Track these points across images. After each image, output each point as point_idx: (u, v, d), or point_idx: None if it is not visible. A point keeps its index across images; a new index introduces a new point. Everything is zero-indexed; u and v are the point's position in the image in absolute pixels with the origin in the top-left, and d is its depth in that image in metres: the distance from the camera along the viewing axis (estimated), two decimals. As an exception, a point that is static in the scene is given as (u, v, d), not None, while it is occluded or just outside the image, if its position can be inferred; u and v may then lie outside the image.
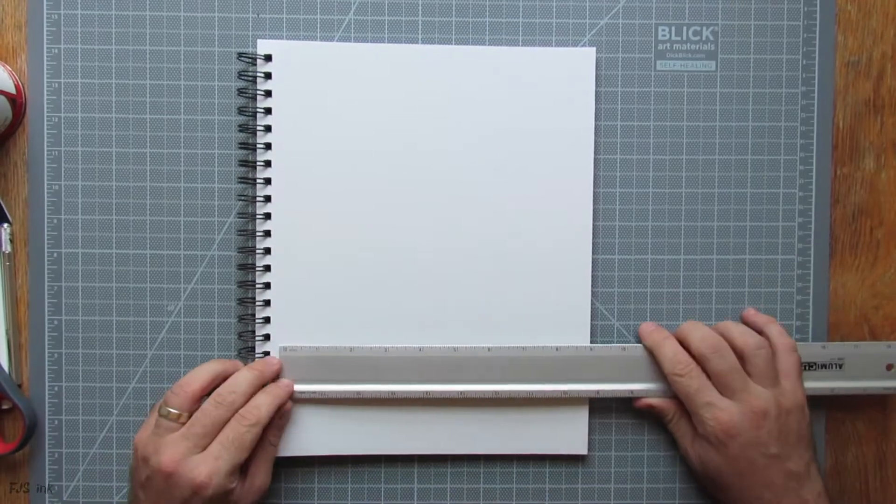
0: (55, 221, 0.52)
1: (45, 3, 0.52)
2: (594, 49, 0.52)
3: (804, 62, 0.53)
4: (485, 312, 0.52)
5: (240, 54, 0.52)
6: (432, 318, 0.52)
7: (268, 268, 0.52)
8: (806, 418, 0.49)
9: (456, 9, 0.53)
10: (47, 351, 0.52)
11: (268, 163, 0.51)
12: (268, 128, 0.51)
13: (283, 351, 0.51)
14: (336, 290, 0.52)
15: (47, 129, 0.52)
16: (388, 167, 0.52)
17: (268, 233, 0.52)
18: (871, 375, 0.52)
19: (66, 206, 0.52)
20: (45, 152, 0.52)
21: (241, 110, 0.52)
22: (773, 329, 0.51)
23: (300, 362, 0.51)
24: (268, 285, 0.52)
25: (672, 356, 0.50)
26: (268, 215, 0.52)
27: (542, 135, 0.52)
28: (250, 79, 0.52)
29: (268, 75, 0.51)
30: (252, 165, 0.52)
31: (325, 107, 0.51)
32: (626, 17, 0.53)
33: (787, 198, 0.54)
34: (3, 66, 0.51)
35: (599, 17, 0.53)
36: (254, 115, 0.51)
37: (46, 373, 0.52)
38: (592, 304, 0.53)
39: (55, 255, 0.52)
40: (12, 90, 0.51)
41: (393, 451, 0.53)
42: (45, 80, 0.52)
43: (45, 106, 0.52)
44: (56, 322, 0.52)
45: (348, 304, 0.52)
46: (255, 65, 0.52)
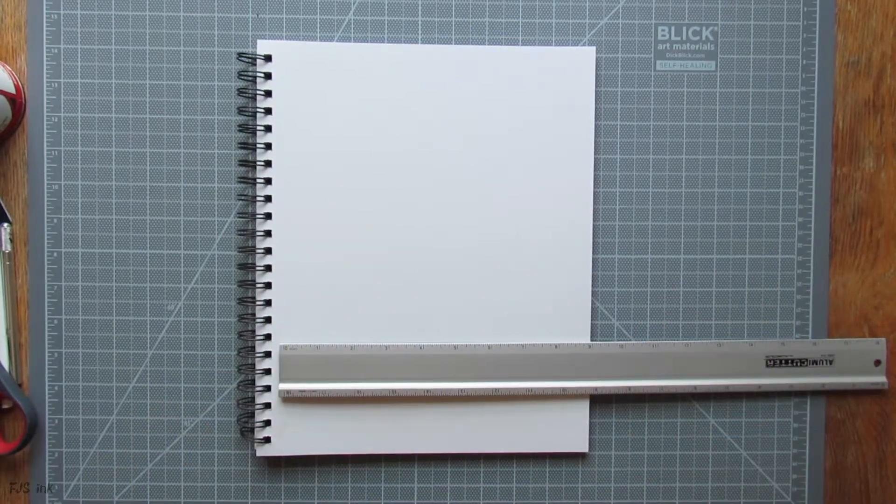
0: (55, 221, 0.52)
1: (45, 3, 0.52)
2: (594, 49, 0.52)
3: (804, 62, 0.53)
4: (485, 312, 0.52)
5: (240, 54, 0.52)
6: (432, 317, 0.52)
7: (268, 267, 0.52)
8: None
9: (456, 9, 0.53)
10: (47, 350, 0.52)
11: (268, 163, 0.51)
12: (268, 128, 0.51)
13: (284, 349, 0.51)
14: (336, 290, 0.52)
15: (47, 129, 0.52)
16: (388, 167, 0.52)
17: (268, 232, 0.52)
18: (860, 371, 0.53)
19: (66, 205, 0.52)
20: (45, 152, 0.52)
21: (241, 110, 0.52)
22: None
23: (300, 361, 0.51)
24: (268, 285, 0.52)
25: None
26: (268, 215, 0.52)
27: (542, 134, 0.52)
28: (250, 79, 0.52)
29: (268, 75, 0.51)
30: (252, 165, 0.52)
31: (325, 107, 0.51)
32: (626, 17, 0.53)
33: (787, 198, 0.54)
34: (3, 66, 0.51)
35: (599, 17, 0.53)
36: (254, 115, 0.51)
37: (46, 372, 0.52)
38: (592, 303, 0.53)
39: (55, 254, 0.52)
40: (12, 90, 0.51)
41: (393, 450, 0.53)
42: (45, 80, 0.52)
43: (45, 106, 0.52)
44: (56, 321, 0.52)
45: (349, 304, 0.52)
46: (255, 65, 0.52)
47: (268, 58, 0.51)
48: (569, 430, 0.53)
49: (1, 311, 0.51)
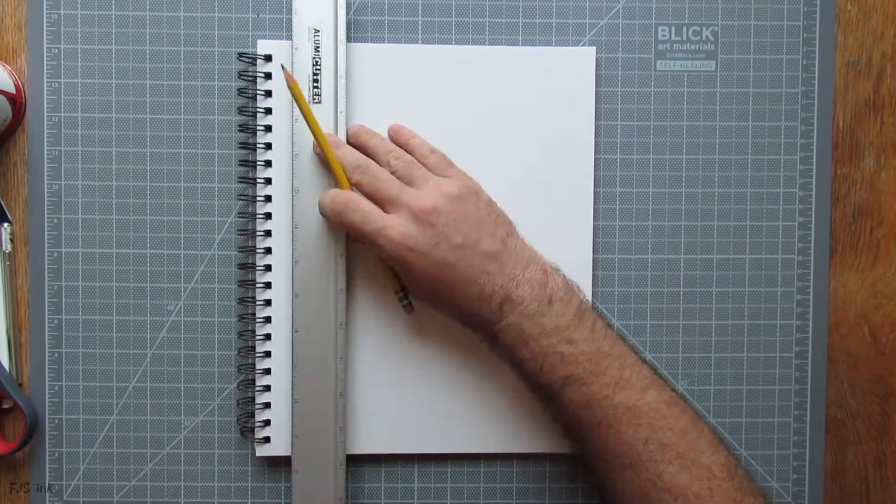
0: (55, 221, 0.52)
1: (45, 3, 0.52)
2: (594, 49, 0.52)
3: (804, 62, 0.53)
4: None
5: (240, 54, 0.52)
6: (431, 313, 0.52)
7: (268, 267, 0.52)
8: (485, 200, 0.48)
9: (456, 9, 0.53)
10: (47, 350, 0.52)
11: (268, 163, 0.51)
12: (268, 128, 0.51)
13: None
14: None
15: (47, 128, 0.52)
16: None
17: (268, 232, 0.52)
18: None
19: (66, 205, 0.52)
20: (45, 152, 0.52)
21: (241, 110, 0.52)
22: (415, 141, 0.50)
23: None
24: (268, 285, 0.52)
25: (330, 199, 0.47)
26: (268, 215, 0.52)
27: (543, 134, 0.52)
28: (250, 79, 0.52)
29: (268, 75, 0.51)
30: (252, 165, 0.52)
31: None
32: (626, 17, 0.53)
33: (787, 198, 0.54)
34: (3, 66, 0.51)
35: (599, 17, 0.53)
36: (254, 115, 0.51)
37: (47, 372, 0.52)
38: (593, 303, 0.53)
39: (55, 254, 0.52)
40: (12, 90, 0.51)
41: (393, 450, 0.53)
42: (45, 80, 0.52)
43: (45, 106, 0.52)
44: (56, 321, 0.52)
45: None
46: (256, 65, 0.52)
47: (268, 58, 0.51)
48: (569, 430, 0.53)
49: (1, 311, 0.51)
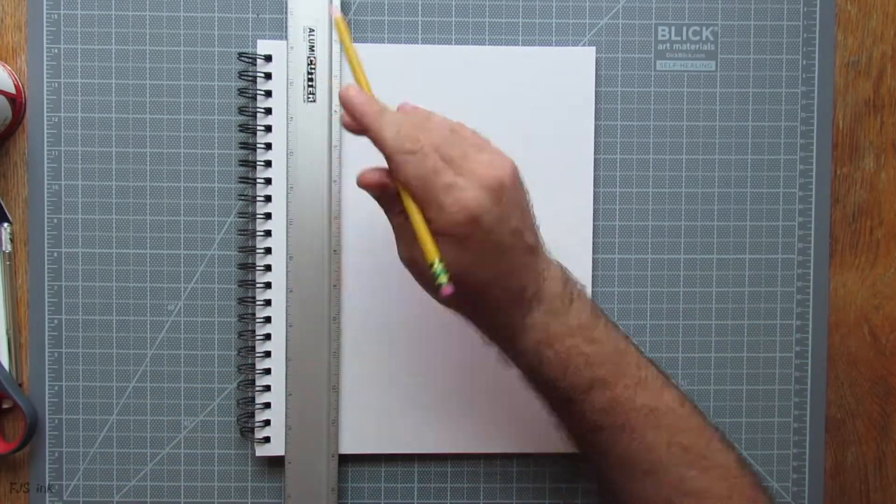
0: (55, 221, 0.52)
1: (45, 3, 0.52)
2: (594, 49, 0.52)
3: (804, 62, 0.53)
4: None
5: (240, 54, 0.52)
6: (430, 317, 0.52)
7: (268, 267, 0.52)
8: (525, 186, 0.42)
9: (456, 9, 0.53)
10: (47, 350, 0.52)
11: (268, 163, 0.51)
12: (268, 128, 0.51)
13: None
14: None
15: (47, 129, 0.52)
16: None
17: (268, 232, 0.52)
18: None
19: (66, 206, 0.52)
20: (45, 152, 0.52)
21: (241, 110, 0.52)
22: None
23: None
24: (268, 285, 0.52)
25: (398, 130, 0.40)
26: (268, 215, 0.52)
27: (542, 134, 0.52)
28: (250, 79, 0.52)
29: (268, 75, 0.51)
30: (252, 165, 0.52)
31: (325, 107, 0.51)
32: (626, 17, 0.53)
33: (787, 198, 0.54)
34: (3, 66, 0.51)
35: (599, 17, 0.53)
36: (254, 115, 0.51)
37: (47, 372, 0.52)
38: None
39: (55, 254, 0.52)
40: (12, 90, 0.51)
41: (393, 450, 0.53)
42: (45, 80, 0.52)
43: (45, 106, 0.52)
44: (56, 321, 0.52)
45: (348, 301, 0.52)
46: (256, 65, 0.52)
47: (268, 58, 0.51)
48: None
49: (1, 311, 0.51)
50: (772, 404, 0.54)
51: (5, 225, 0.52)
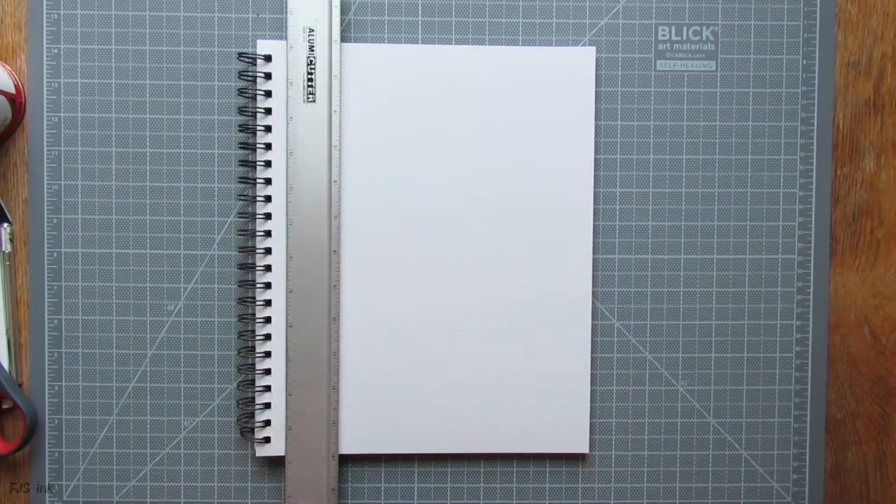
0: (55, 221, 0.52)
1: (45, 3, 0.52)
2: (594, 49, 0.52)
3: (804, 62, 0.53)
4: (485, 310, 0.52)
5: (240, 54, 0.52)
6: (431, 311, 0.52)
7: (268, 267, 0.52)
8: None
9: (456, 9, 0.53)
10: (47, 350, 0.52)
11: (268, 163, 0.51)
12: (268, 128, 0.51)
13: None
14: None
15: (47, 129, 0.52)
16: (387, 165, 0.52)
17: (268, 233, 0.52)
18: None
19: (66, 206, 0.52)
20: (45, 152, 0.52)
21: (241, 110, 0.52)
22: None
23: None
24: (268, 285, 0.52)
25: None
26: (268, 215, 0.52)
27: (542, 135, 0.52)
28: (250, 79, 0.52)
29: (268, 76, 0.51)
30: (252, 165, 0.52)
31: (325, 107, 0.51)
32: (626, 17, 0.53)
33: (787, 198, 0.54)
34: (3, 66, 0.51)
35: (599, 17, 0.53)
36: (254, 116, 0.51)
37: (46, 372, 0.52)
38: (592, 303, 0.53)
39: (55, 255, 0.52)
40: (12, 90, 0.51)
41: (393, 450, 0.53)
42: (45, 80, 0.52)
43: (45, 106, 0.52)
44: (56, 322, 0.52)
45: (348, 299, 0.52)
46: (255, 65, 0.52)
47: (268, 58, 0.51)
48: (569, 431, 0.53)
49: (1, 311, 0.51)
50: (772, 404, 0.54)
51: (5, 225, 0.52)
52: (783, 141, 0.54)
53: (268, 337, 0.52)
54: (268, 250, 0.52)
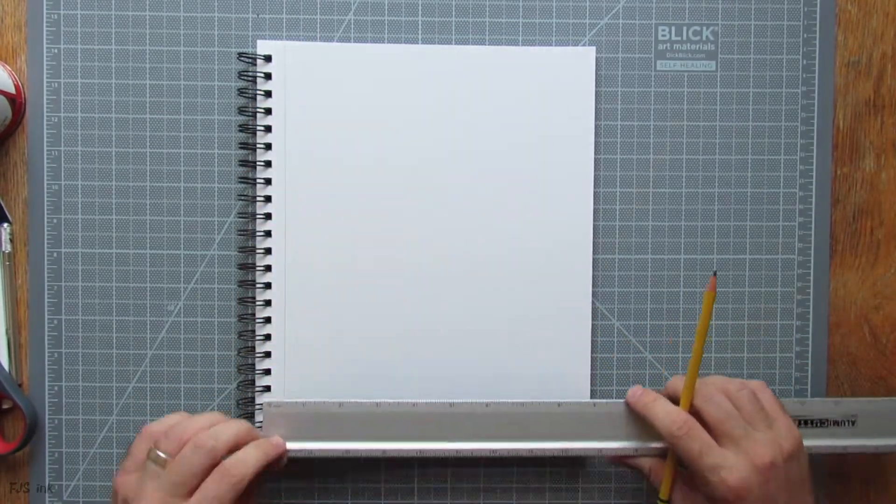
0: (55, 221, 0.52)
1: (45, 3, 0.52)
2: (594, 49, 0.52)
3: (804, 62, 0.53)
4: (484, 312, 0.52)
5: (240, 54, 0.52)
6: (430, 312, 0.52)
7: (268, 267, 0.52)
8: (805, 456, 0.46)
9: (456, 9, 0.53)
10: (47, 351, 0.52)
11: (268, 163, 0.51)
12: (268, 128, 0.51)
13: (268, 407, 0.49)
14: (337, 288, 0.52)
15: (47, 129, 0.52)
16: (388, 166, 0.52)
17: (268, 233, 0.52)
18: (885, 432, 0.50)
19: (66, 206, 0.52)
20: (45, 152, 0.52)
21: (241, 110, 0.52)
22: (735, 380, 0.48)
23: (285, 419, 0.49)
24: (268, 285, 0.52)
25: (665, 416, 0.46)
26: (268, 215, 0.52)
27: (543, 135, 0.52)
28: (250, 79, 0.52)
29: (268, 76, 0.51)
30: (252, 165, 0.52)
31: (325, 107, 0.51)
32: (626, 17, 0.53)
33: (787, 198, 0.54)
34: (3, 66, 0.51)
35: (599, 17, 0.53)
36: (254, 116, 0.51)
37: (46, 372, 0.52)
38: (593, 303, 0.53)
39: (55, 255, 0.52)
40: (12, 90, 0.51)
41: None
42: (45, 80, 0.52)
43: (45, 106, 0.52)
44: (56, 322, 0.52)
45: (349, 301, 0.52)
46: (255, 65, 0.52)
47: (268, 58, 0.51)
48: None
49: (1, 311, 0.51)
50: (772, 404, 0.54)
51: (5, 225, 0.52)
52: (783, 141, 0.54)
53: (268, 337, 0.52)
54: (268, 250, 0.52)
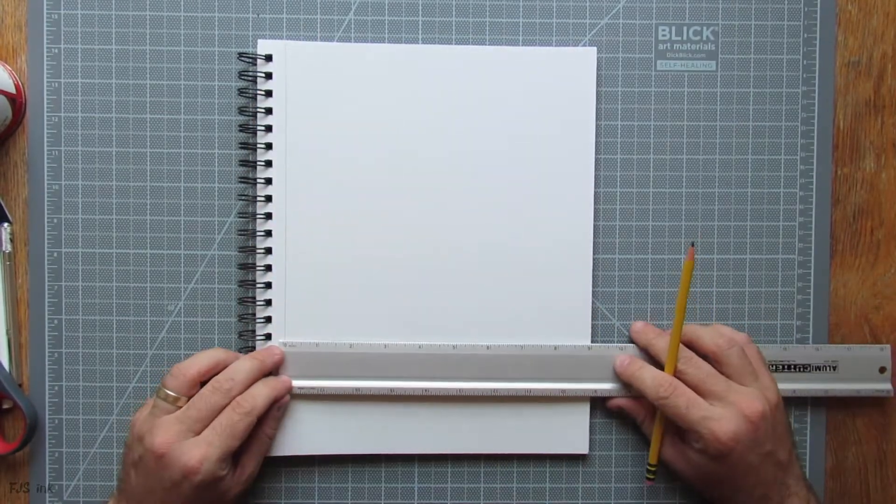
0: (55, 221, 0.52)
1: (45, 3, 0.52)
2: (595, 49, 0.52)
3: (804, 62, 0.53)
4: (485, 312, 0.52)
5: (240, 54, 0.52)
6: (433, 317, 0.52)
7: (268, 267, 0.52)
8: (783, 408, 0.49)
9: (456, 9, 0.53)
10: (47, 351, 0.52)
11: (268, 163, 0.51)
12: (268, 128, 0.51)
13: (283, 346, 0.51)
14: (337, 289, 0.52)
15: (47, 129, 0.52)
16: (389, 166, 0.52)
17: (268, 232, 0.52)
18: (864, 378, 0.53)
19: (66, 206, 0.52)
20: (45, 152, 0.52)
21: (241, 110, 0.52)
22: (724, 329, 0.51)
23: (299, 358, 0.51)
24: (269, 285, 0.52)
25: (652, 380, 0.49)
26: (268, 215, 0.52)
27: (543, 134, 0.52)
28: (251, 79, 0.52)
29: (268, 75, 0.51)
30: (252, 165, 0.52)
31: (326, 106, 0.51)
32: (627, 17, 0.53)
33: (787, 198, 0.54)
34: (3, 66, 0.51)
35: (600, 17, 0.53)
36: (254, 115, 0.51)
37: (47, 372, 0.52)
38: (593, 303, 0.53)
39: (55, 255, 0.52)
40: (12, 90, 0.51)
41: (393, 450, 0.53)
42: (45, 80, 0.52)
43: (45, 106, 0.52)
44: (56, 322, 0.52)
45: (349, 303, 0.52)
46: (256, 65, 0.52)
47: (268, 58, 0.51)
48: (569, 431, 0.53)
49: (1, 311, 0.51)
50: (772, 404, 0.54)
51: (5, 225, 0.52)
52: (783, 141, 0.54)
53: (268, 337, 0.52)
54: (268, 250, 0.52)
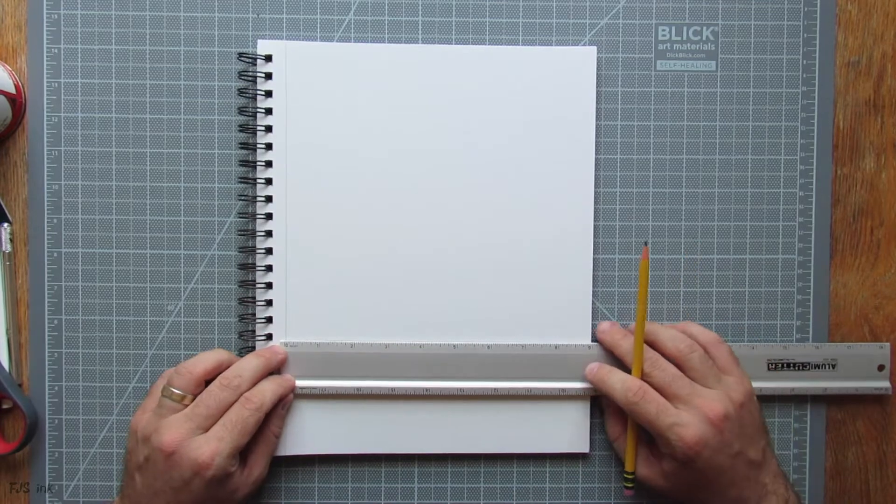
0: (55, 221, 0.52)
1: (45, 3, 0.52)
2: (595, 48, 0.52)
3: (804, 62, 0.53)
4: (486, 312, 0.52)
5: (240, 54, 0.52)
6: (433, 317, 0.52)
7: (268, 267, 0.52)
8: (756, 405, 0.49)
9: (456, 9, 0.53)
10: (47, 351, 0.52)
11: (268, 163, 0.51)
12: (268, 128, 0.51)
13: (284, 346, 0.51)
14: (338, 289, 0.52)
15: (47, 129, 0.52)
16: (389, 166, 0.52)
17: (268, 232, 0.52)
18: (863, 376, 0.53)
19: (66, 206, 0.52)
20: (45, 152, 0.52)
21: (241, 110, 0.52)
22: (693, 328, 0.51)
23: (300, 358, 0.51)
24: (269, 285, 0.52)
25: (621, 385, 0.49)
26: (269, 215, 0.52)
27: (543, 135, 0.52)
28: (250, 79, 0.52)
29: (268, 75, 0.51)
30: (252, 165, 0.52)
31: (326, 106, 0.51)
32: (627, 17, 0.53)
33: (787, 198, 0.54)
34: (3, 66, 0.51)
35: (599, 17, 0.53)
36: (254, 115, 0.51)
37: (46, 372, 0.52)
38: (593, 303, 0.53)
39: (55, 255, 0.52)
40: (12, 90, 0.51)
41: (393, 450, 0.53)
42: (45, 80, 0.52)
43: (45, 106, 0.52)
44: (56, 322, 0.52)
45: (350, 303, 0.52)
46: (256, 65, 0.52)
47: (268, 58, 0.51)
48: (569, 431, 0.53)
49: (1, 311, 0.51)
50: (773, 404, 0.54)
51: (5, 225, 0.52)
52: (783, 141, 0.54)
53: (268, 337, 0.52)
54: (268, 250, 0.52)
